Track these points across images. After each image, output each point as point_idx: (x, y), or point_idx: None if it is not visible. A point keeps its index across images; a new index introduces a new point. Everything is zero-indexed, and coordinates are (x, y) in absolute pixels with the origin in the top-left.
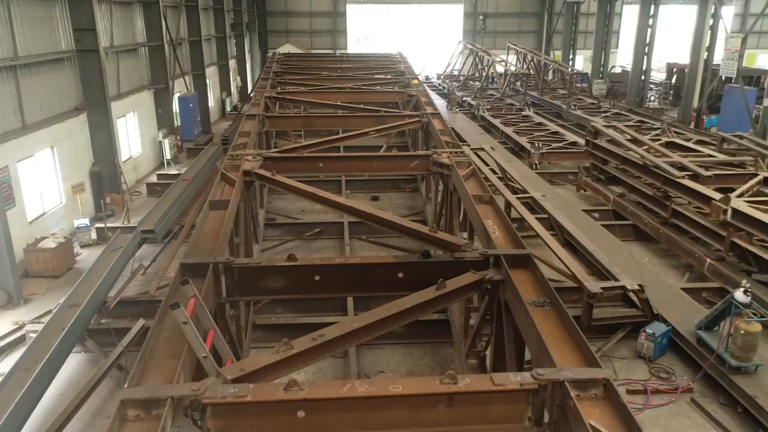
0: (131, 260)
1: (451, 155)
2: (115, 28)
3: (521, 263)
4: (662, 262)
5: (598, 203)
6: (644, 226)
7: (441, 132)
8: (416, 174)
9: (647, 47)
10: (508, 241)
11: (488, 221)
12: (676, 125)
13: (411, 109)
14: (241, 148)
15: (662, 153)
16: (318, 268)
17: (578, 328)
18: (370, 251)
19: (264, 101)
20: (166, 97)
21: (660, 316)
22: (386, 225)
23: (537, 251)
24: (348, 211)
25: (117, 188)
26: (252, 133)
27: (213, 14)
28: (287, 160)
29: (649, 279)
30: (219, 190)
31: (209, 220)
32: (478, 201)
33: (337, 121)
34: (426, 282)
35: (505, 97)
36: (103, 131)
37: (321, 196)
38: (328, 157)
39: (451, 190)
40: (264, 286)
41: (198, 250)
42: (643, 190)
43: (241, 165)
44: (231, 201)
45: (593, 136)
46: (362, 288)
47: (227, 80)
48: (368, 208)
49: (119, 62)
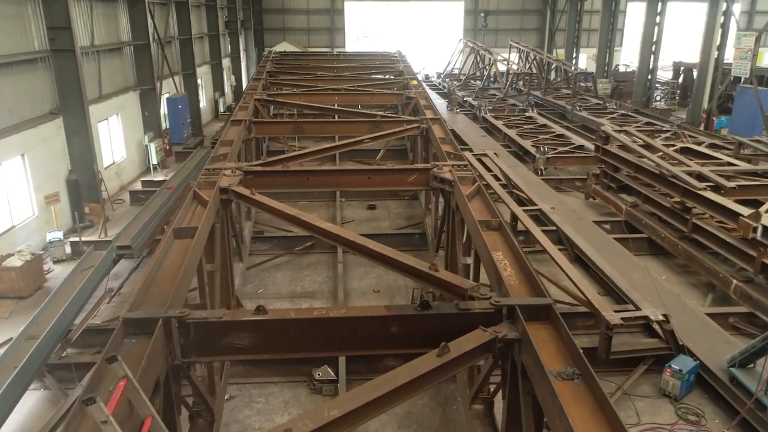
0: (105, 280)
1: (454, 169)
2: (96, 26)
3: (541, 315)
4: (680, 281)
5: (608, 212)
6: (661, 240)
7: (442, 140)
8: (415, 189)
9: (654, 46)
10: (524, 283)
11: (498, 254)
12: (687, 127)
13: (410, 112)
14: (221, 159)
15: (678, 161)
16: (293, 323)
17: (618, 417)
18: (365, 267)
19: (254, 104)
20: (152, 98)
21: (685, 348)
22: (381, 259)
23: (544, 267)
24: (337, 240)
25: (96, 197)
26: (235, 141)
27: (205, 11)
28: (270, 175)
29: (670, 302)
30: (189, 212)
31: (173, 252)
32: (485, 227)
33: (330, 127)
34: (424, 338)
35: (508, 98)
36: (80, 136)
37: (304, 221)
38: (317, 171)
39: (454, 208)
40: (227, 344)
41: (150, 297)
42: (659, 201)
43: (218, 181)
44: (199, 229)
45: (603, 142)
46: (347, 346)
47: (220, 80)
48: (362, 239)
49: (101, 62)
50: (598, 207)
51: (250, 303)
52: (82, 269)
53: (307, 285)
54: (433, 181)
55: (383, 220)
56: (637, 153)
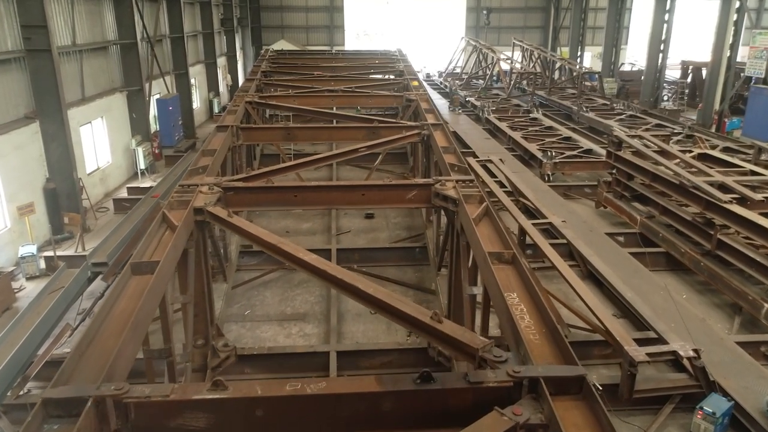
0: (79, 301)
1: (459, 185)
2: (78, 24)
3: (571, 388)
4: (703, 301)
5: (621, 222)
6: (681, 256)
7: (444, 150)
8: (417, 207)
9: (663, 44)
10: (547, 339)
11: (513, 296)
12: (699, 129)
13: (410, 116)
14: (200, 173)
15: (698, 169)
16: (260, 402)
17: None
18: None
19: (244, 107)
20: (141, 99)
21: (716, 384)
22: (379, 305)
23: (554, 285)
24: (323, 277)
25: (76, 206)
26: (218, 151)
27: (199, 9)
28: (253, 192)
29: (696, 329)
30: (155, 239)
31: (127, 293)
32: (496, 260)
33: (325, 133)
34: (425, 417)
35: (511, 98)
36: (59, 142)
37: (286, 251)
38: (305, 188)
39: (458, 230)
40: (178, 427)
41: (87, 362)
42: (679, 213)
43: (193, 200)
44: (162, 262)
45: (616, 147)
46: (328, 428)
47: (215, 79)
48: (351, 276)
49: (83, 62)
50: (610, 216)
51: (235, 327)
52: (50, 291)
53: (297, 305)
54: (435, 198)
55: (381, 230)
56: (652, 160)
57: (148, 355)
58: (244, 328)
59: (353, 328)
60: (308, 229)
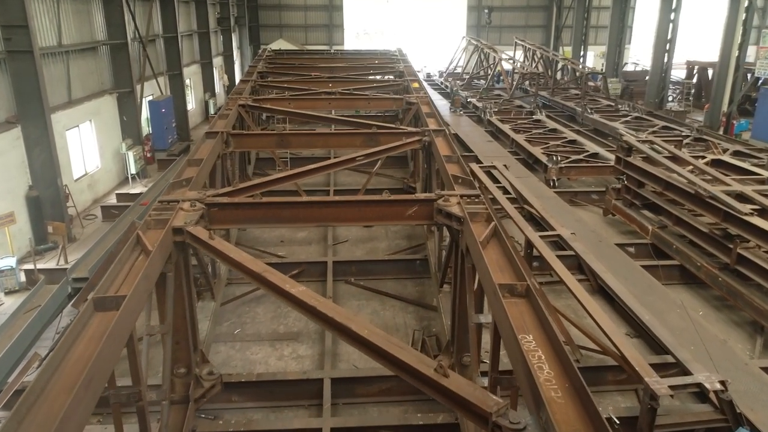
0: (58, 319)
1: (464, 201)
2: (64, 23)
3: None
4: (720, 318)
5: (630, 231)
6: (697, 270)
7: (447, 159)
8: (418, 224)
9: (668, 44)
10: (570, 396)
11: (527, 339)
12: (707, 131)
13: (410, 120)
14: (184, 186)
15: (713, 176)
16: None
17: None
18: (359, 299)
19: (237, 111)
20: (131, 101)
21: (743, 417)
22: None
23: (561, 300)
24: (313, 314)
25: (61, 214)
26: (205, 161)
27: (195, 8)
28: (240, 208)
29: (717, 353)
30: (125, 266)
31: (87, 334)
32: (507, 293)
33: (320, 140)
34: None
35: (514, 99)
36: (42, 147)
37: (272, 282)
38: (297, 204)
39: (463, 250)
40: None
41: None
42: (694, 224)
43: (172, 218)
44: (128, 297)
45: (626, 153)
46: None
47: (211, 80)
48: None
49: (70, 64)
50: (618, 224)
51: (223, 348)
52: (26, 310)
53: (291, 323)
54: (438, 215)
55: (380, 240)
56: (664, 166)
57: (114, 400)
58: (234, 349)
59: (350, 349)
60: (304, 239)
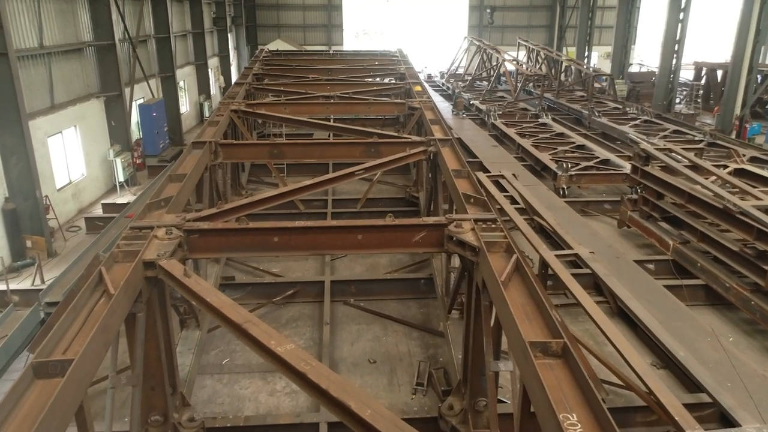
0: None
1: (478, 227)
2: (46, 24)
3: None
4: (753, 345)
5: (647, 244)
6: (725, 291)
7: (457, 174)
8: (426, 251)
9: (677, 45)
10: None
11: (571, 419)
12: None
13: (413, 127)
14: (161, 207)
15: (739, 188)
16: None
17: None
18: (358, 323)
19: (229, 117)
20: (119, 105)
21: None
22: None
23: (579, 324)
24: (306, 382)
25: (41, 228)
26: (188, 177)
27: (189, 7)
28: (223, 234)
29: (757, 390)
30: (82, 313)
31: (18, 414)
32: (540, 352)
33: (316, 150)
34: None
35: (518, 101)
36: (19, 156)
37: (255, 338)
38: (287, 229)
39: (479, 285)
40: None
41: None
42: (722, 241)
43: (144, 249)
44: (76, 362)
45: (643, 162)
46: None
47: (206, 81)
48: (350, 393)
49: (52, 66)
50: (634, 237)
51: (209, 381)
52: None
53: None
54: (449, 243)
55: (381, 255)
56: (684, 176)
57: None
58: (221, 383)
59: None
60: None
